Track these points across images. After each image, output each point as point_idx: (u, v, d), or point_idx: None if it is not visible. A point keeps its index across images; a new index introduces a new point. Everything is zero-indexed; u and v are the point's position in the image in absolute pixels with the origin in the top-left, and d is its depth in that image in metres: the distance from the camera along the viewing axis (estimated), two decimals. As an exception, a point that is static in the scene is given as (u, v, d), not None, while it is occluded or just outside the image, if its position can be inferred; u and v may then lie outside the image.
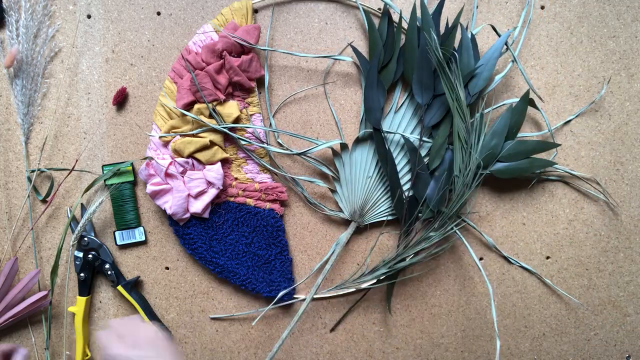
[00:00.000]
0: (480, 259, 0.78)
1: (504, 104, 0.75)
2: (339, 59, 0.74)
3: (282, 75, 0.77)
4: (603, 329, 0.79)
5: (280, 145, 0.77)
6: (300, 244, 0.78)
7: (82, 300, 0.76)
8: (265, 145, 0.74)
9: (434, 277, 0.78)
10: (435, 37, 0.70)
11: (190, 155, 0.73)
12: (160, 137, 0.73)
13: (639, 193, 0.77)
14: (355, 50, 0.74)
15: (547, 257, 0.78)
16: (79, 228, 0.73)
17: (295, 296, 0.78)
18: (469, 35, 0.72)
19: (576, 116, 0.77)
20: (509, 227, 0.78)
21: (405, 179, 0.75)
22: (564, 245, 0.78)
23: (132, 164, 0.76)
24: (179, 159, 0.73)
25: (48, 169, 0.75)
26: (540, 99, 0.76)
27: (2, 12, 0.75)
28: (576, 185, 0.77)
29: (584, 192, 0.78)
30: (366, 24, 0.73)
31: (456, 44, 0.73)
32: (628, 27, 0.76)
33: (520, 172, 0.73)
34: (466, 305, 0.79)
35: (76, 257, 0.75)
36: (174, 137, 0.73)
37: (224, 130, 0.73)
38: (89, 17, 0.76)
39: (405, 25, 0.74)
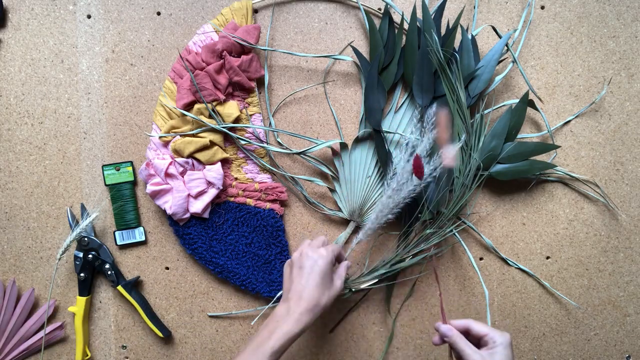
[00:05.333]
0: (481, 259, 0.78)
1: (504, 105, 0.75)
2: (339, 59, 0.74)
3: (282, 75, 0.77)
4: (603, 329, 0.79)
5: (280, 144, 0.77)
6: (300, 243, 0.78)
7: (82, 300, 0.76)
8: (265, 145, 0.74)
9: (434, 277, 0.78)
10: (437, 39, 0.70)
11: (190, 155, 0.73)
12: (160, 137, 0.73)
13: (639, 193, 0.77)
14: (355, 50, 0.74)
15: (547, 257, 0.78)
16: (78, 230, 0.73)
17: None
18: (469, 37, 0.72)
19: (576, 116, 0.77)
20: (509, 227, 0.78)
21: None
22: (564, 245, 0.78)
23: (132, 164, 0.76)
24: (179, 159, 0.73)
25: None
26: (540, 100, 0.76)
27: (2, 12, 0.75)
28: (576, 186, 0.77)
29: (583, 193, 0.78)
30: (367, 25, 0.73)
31: (456, 45, 0.73)
32: (628, 27, 0.76)
33: (520, 174, 0.73)
34: (466, 305, 0.79)
35: (76, 257, 0.75)
36: (174, 137, 0.73)
37: (224, 130, 0.73)
38: (89, 17, 0.76)
39: (406, 26, 0.74)
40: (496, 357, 0.56)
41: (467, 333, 0.60)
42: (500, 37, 0.73)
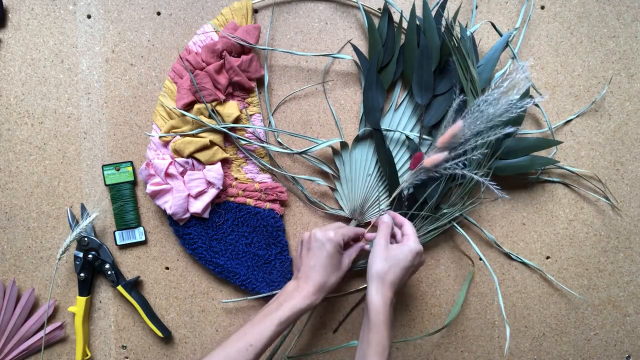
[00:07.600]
0: (480, 259, 0.78)
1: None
2: (339, 57, 0.74)
3: (282, 75, 0.77)
4: (603, 329, 0.79)
5: (280, 144, 0.77)
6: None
7: (82, 300, 0.76)
8: (265, 145, 0.74)
9: (434, 277, 0.78)
10: (440, 32, 0.70)
11: (190, 155, 0.73)
12: (160, 137, 0.73)
13: (639, 193, 0.77)
14: (355, 48, 0.74)
15: (547, 257, 0.78)
16: (78, 230, 0.73)
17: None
18: (468, 35, 0.72)
19: (576, 116, 0.77)
20: (509, 227, 0.78)
21: (405, 177, 0.75)
22: (564, 245, 0.78)
23: (132, 164, 0.76)
24: (179, 159, 0.73)
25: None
26: (540, 94, 0.76)
27: (2, 12, 0.75)
28: (576, 186, 0.77)
29: (583, 193, 0.78)
30: (366, 24, 0.73)
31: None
32: (628, 27, 0.76)
33: (521, 170, 0.72)
34: (466, 305, 0.79)
35: (76, 257, 0.75)
36: (174, 137, 0.73)
37: (224, 130, 0.73)
38: (89, 17, 0.76)
39: (405, 24, 0.74)
40: (393, 251, 0.62)
41: (399, 226, 0.67)
42: (501, 35, 0.73)
